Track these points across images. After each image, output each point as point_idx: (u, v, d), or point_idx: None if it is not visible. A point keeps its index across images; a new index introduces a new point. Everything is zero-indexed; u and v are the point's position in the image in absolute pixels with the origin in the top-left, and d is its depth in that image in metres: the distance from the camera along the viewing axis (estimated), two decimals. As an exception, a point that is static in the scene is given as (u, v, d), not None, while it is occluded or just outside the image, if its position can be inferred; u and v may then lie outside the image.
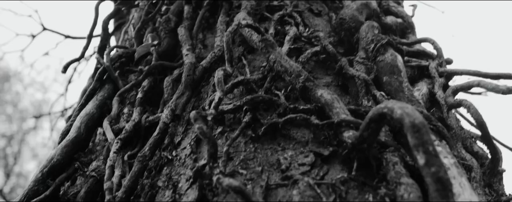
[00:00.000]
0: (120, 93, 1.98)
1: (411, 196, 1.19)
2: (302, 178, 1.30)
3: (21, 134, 13.75)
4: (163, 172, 1.51)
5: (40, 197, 1.60)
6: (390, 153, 1.35)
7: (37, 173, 1.67)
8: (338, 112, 1.43)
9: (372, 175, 1.34)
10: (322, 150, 1.40)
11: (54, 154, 1.73)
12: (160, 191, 1.44)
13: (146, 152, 1.55)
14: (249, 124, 1.48)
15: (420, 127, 1.13)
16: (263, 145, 1.45)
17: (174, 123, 1.67)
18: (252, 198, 1.15)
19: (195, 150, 1.52)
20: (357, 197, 1.26)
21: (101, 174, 1.63)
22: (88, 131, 1.84)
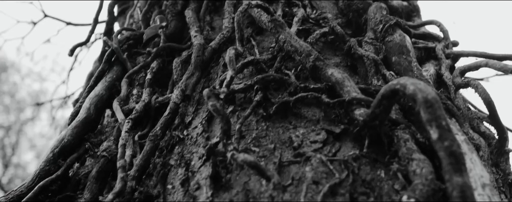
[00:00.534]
0: (128, 75, 1.99)
1: (424, 171, 1.20)
2: (315, 155, 1.32)
3: (19, 124, 13.73)
4: (174, 151, 1.53)
5: (52, 177, 1.61)
6: (401, 130, 1.36)
7: (48, 153, 1.68)
8: (349, 90, 1.44)
9: (384, 152, 1.35)
10: (333, 128, 1.41)
11: (64, 134, 1.74)
12: (173, 169, 1.46)
13: (157, 131, 1.56)
14: (260, 103, 1.49)
15: (433, 102, 1.14)
16: (274, 124, 1.46)
17: (184, 103, 1.68)
18: (267, 173, 1.16)
19: (206, 129, 1.53)
20: (370, 173, 1.28)
21: (112, 154, 1.64)
22: (98, 112, 1.85)
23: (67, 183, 1.68)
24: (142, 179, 1.49)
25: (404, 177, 1.25)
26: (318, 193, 1.21)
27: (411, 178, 1.22)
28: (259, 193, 1.23)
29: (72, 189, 1.67)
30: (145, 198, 1.42)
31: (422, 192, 1.13)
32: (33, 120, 14.13)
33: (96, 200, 1.53)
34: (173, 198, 1.34)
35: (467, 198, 1.04)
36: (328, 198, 1.19)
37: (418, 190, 1.13)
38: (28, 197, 1.54)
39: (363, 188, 1.23)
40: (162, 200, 1.37)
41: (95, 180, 1.57)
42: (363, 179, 1.26)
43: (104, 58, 2.06)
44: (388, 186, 1.25)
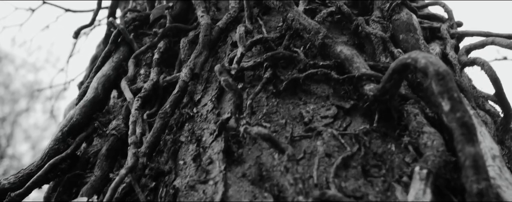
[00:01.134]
0: (135, 55, 1.99)
1: (435, 143, 1.22)
2: (326, 130, 1.33)
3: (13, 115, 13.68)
4: (185, 128, 1.53)
5: (61, 155, 1.62)
6: (411, 105, 1.37)
7: (57, 132, 1.68)
8: (359, 66, 1.45)
9: (394, 127, 1.36)
10: (343, 103, 1.42)
11: (73, 113, 1.74)
12: (183, 146, 1.47)
13: (167, 109, 1.56)
14: (270, 80, 1.50)
15: (444, 74, 1.15)
16: (284, 100, 1.47)
17: (193, 81, 1.69)
18: (281, 145, 1.17)
19: (216, 106, 1.54)
20: (381, 146, 1.29)
21: (121, 133, 1.65)
22: (106, 92, 1.85)
23: (76, 162, 1.69)
24: (152, 156, 1.50)
25: (414, 149, 1.26)
26: (330, 165, 1.22)
27: (422, 151, 1.23)
28: (272, 166, 1.24)
29: (81, 167, 1.68)
30: (156, 174, 1.43)
31: (434, 163, 1.15)
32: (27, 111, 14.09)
33: (106, 177, 1.54)
34: (185, 173, 1.35)
35: (479, 167, 1.05)
36: (340, 170, 1.21)
37: (430, 161, 1.15)
38: (38, 175, 1.55)
39: (375, 161, 1.25)
40: (173, 175, 1.38)
41: (105, 157, 1.58)
42: (374, 152, 1.27)
43: (111, 39, 2.06)
44: (399, 159, 1.26)
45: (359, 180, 1.19)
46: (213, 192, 1.22)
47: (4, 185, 1.57)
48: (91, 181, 1.52)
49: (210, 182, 1.25)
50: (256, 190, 1.19)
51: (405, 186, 1.18)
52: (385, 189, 1.17)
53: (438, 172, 1.14)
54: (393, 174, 1.22)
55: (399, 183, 1.19)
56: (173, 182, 1.35)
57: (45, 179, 1.58)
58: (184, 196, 1.27)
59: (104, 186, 1.52)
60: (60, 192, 1.64)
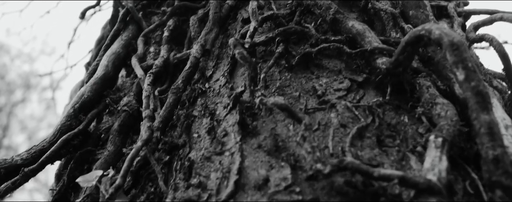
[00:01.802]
0: (145, 33, 2.00)
1: (448, 113, 1.23)
2: (339, 102, 1.34)
3: (9, 106, 13.62)
4: (197, 103, 1.54)
5: (74, 131, 1.62)
6: (423, 78, 1.39)
7: (69, 108, 1.69)
8: (371, 40, 1.46)
9: (406, 100, 1.38)
10: (356, 77, 1.43)
11: (84, 91, 1.75)
12: (197, 120, 1.48)
13: (179, 84, 1.57)
14: (282, 55, 1.51)
15: (458, 45, 1.16)
16: (296, 74, 1.48)
17: (204, 57, 1.69)
18: (298, 115, 1.18)
19: (229, 80, 1.55)
20: (394, 117, 1.31)
21: (133, 109, 1.66)
22: (116, 69, 1.86)
23: (87, 138, 1.70)
24: (166, 130, 1.51)
25: (428, 120, 1.27)
26: (346, 135, 1.24)
27: (435, 121, 1.25)
28: (287, 137, 1.26)
29: (93, 144, 1.69)
30: (170, 148, 1.44)
31: (448, 132, 1.17)
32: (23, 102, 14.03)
33: (119, 152, 1.55)
34: (200, 146, 1.36)
35: (494, 134, 1.07)
36: (356, 140, 1.22)
37: (445, 130, 1.17)
38: (52, 151, 1.56)
39: (389, 132, 1.26)
40: (188, 149, 1.39)
41: (118, 133, 1.59)
42: (388, 123, 1.29)
43: (119, 18, 2.06)
44: (412, 130, 1.28)
45: (374, 149, 1.20)
46: (229, 162, 1.23)
47: (16, 161, 1.58)
48: (104, 156, 1.53)
49: (226, 153, 1.27)
50: (272, 160, 1.20)
51: (419, 156, 1.20)
52: (400, 159, 1.19)
53: (452, 141, 1.16)
54: (407, 144, 1.23)
55: (413, 153, 1.21)
56: (188, 154, 1.37)
57: (58, 155, 1.59)
58: (200, 167, 1.28)
59: (117, 161, 1.54)
60: (72, 169, 1.65)
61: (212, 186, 1.19)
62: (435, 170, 1.07)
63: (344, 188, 1.08)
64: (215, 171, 1.23)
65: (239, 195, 1.14)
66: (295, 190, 1.10)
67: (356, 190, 1.08)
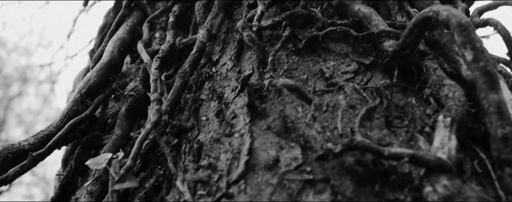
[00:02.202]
0: (150, 19, 2.00)
1: (456, 94, 1.24)
2: (347, 84, 1.35)
3: (6, 100, 13.58)
4: (205, 87, 1.55)
5: (81, 116, 1.63)
6: (429, 60, 1.40)
7: (76, 94, 1.69)
8: (377, 23, 1.47)
9: (413, 82, 1.39)
10: (363, 60, 1.44)
11: (90, 76, 1.75)
12: (204, 103, 1.48)
13: (186, 68, 1.58)
14: (289, 38, 1.52)
15: (466, 25, 1.17)
16: (303, 58, 1.48)
17: (210, 42, 1.70)
18: (308, 95, 1.19)
19: (236, 64, 1.55)
20: (402, 99, 1.32)
21: (139, 93, 1.67)
22: (121, 55, 1.86)
23: (94, 124, 1.70)
24: (173, 114, 1.51)
25: (436, 100, 1.28)
26: (354, 116, 1.24)
27: (443, 102, 1.26)
28: (296, 119, 1.26)
29: (100, 129, 1.70)
30: (178, 131, 1.45)
31: (457, 112, 1.18)
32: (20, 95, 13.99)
33: (127, 136, 1.56)
34: (208, 128, 1.37)
35: (503, 113, 1.08)
36: (365, 121, 1.23)
37: (453, 110, 1.18)
38: (59, 135, 1.57)
39: (397, 113, 1.27)
40: (196, 131, 1.40)
41: (125, 117, 1.60)
42: (396, 105, 1.30)
43: (124, 4, 2.06)
44: (420, 112, 1.29)
45: (383, 130, 1.22)
46: (239, 143, 1.24)
47: (24, 146, 1.59)
48: (112, 140, 1.54)
49: (236, 134, 1.28)
50: (282, 141, 1.21)
51: (427, 136, 1.21)
52: (408, 139, 1.20)
53: (461, 121, 1.17)
54: (415, 125, 1.24)
55: (421, 133, 1.22)
56: (196, 137, 1.37)
57: (65, 139, 1.60)
58: (209, 149, 1.29)
59: (125, 144, 1.54)
60: (79, 153, 1.66)
61: (223, 167, 1.20)
62: (444, 148, 1.08)
63: (355, 167, 1.09)
64: (225, 153, 1.24)
65: (250, 175, 1.15)
66: (305, 169, 1.11)
67: (366, 169, 1.09)
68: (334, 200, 1.02)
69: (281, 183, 1.10)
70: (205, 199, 1.14)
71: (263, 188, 1.10)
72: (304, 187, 1.08)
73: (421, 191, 1.02)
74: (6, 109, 13.57)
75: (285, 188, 1.09)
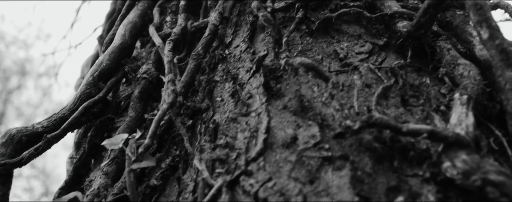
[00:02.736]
0: (160, 3, 2.00)
1: (471, 73, 1.25)
2: (362, 64, 1.36)
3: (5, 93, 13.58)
4: (218, 69, 1.56)
5: (94, 98, 1.64)
6: (443, 41, 1.41)
7: (88, 76, 1.70)
8: (390, 5, 1.48)
9: (426, 62, 1.40)
10: (376, 41, 1.45)
11: (102, 59, 1.76)
12: (218, 85, 1.49)
13: (199, 50, 1.58)
14: (302, 20, 1.52)
15: (482, 4, 1.18)
16: (317, 39, 1.49)
17: (222, 25, 1.70)
18: (325, 74, 1.20)
19: (250, 46, 1.56)
20: (417, 79, 1.33)
21: (152, 76, 1.67)
22: (133, 38, 1.86)
23: (107, 106, 1.71)
24: (187, 96, 1.52)
25: (450, 79, 1.29)
26: (370, 95, 1.25)
27: (457, 81, 1.27)
28: (312, 98, 1.27)
29: (112, 112, 1.70)
30: (192, 112, 1.46)
31: (473, 90, 1.19)
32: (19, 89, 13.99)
33: (141, 118, 1.57)
34: (224, 109, 1.38)
35: (520, 90, 1.10)
36: (381, 99, 1.24)
37: (469, 88, 1.19)
38: (73, 117, 1.57)
39: (412, 92, 1.29)
40: (211, 112, 1.41)
41: (139, 99, 1.61)
42: (411, 84, 1.31)
43: (136, -13, 2.06)
44: (434, 91, 1.30)
45: (399, 108, 1.23)
46: (257, 122, 1.25)
47: (37, 129, 1.60)
48: (126, 122, 1.55)
49: (252, 114, 1.29)
50: (299, 120, 1.22)
51: (443, 115, 1.22)
52: (424, 117, 1.21)
53: (476, 99, 1.18)
54: (431, 104, 1.26)
55: (437, 112, 1.23)
56: (212, 117, 1.38)
57: (79, 122, 1.61)
58: (225, 129, 1.30)
59: (139, 126, 1.55)
60: (92, 136, 1.67)
61: (240, 145, 1.21)
62: (462, 125, 1.09)
63: (373, 144, 1.10)
64: (242, 132, 1.25)
65: (268, 153, 1.16)
66: (324, 147, 1.12)
67: (384, 145, 1.10)
68: (354, 175, 1.04)
69: (300, 160, 1.11)
70: (224, 177, 1.15)
71: (282, 165, 1.12)
72: (322, 164, 1.09)
73: (440, 166, 1.04)
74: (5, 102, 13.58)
75: (304, 165, 1.10)
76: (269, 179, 1.09)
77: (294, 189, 1.04)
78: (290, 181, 1.06)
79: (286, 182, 1.07)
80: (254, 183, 1.09)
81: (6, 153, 1.55)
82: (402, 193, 1.01)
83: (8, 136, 1.58)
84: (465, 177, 0.99)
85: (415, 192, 1.01)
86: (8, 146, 1.56)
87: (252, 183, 1.10)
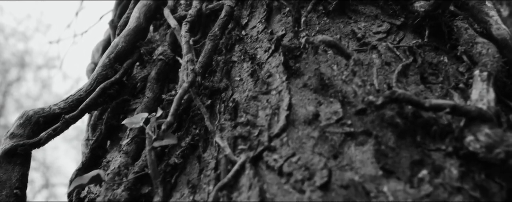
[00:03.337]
0: (175, -15, 2.01)
1: (490, 51, 1.27)
2: (380, 43, 1.37)
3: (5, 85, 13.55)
4: (235, 49, 1.57)
5: (111, 80, 1.64)
6: (460, 20, 1.42)
7: (104, 58, 1.71)
8: (407, -15, 1.48)
9: (443, 42, 1.41)
10: (393, 21, 1.46)
11: (118, 41, 1.76)
12: (236, 65, 1.50)
13: (216, 31, 1.59)
14: (319, 0, 1.53)
15: (502, -17, 1.19)
16: (334, 19, 1.50)
17: (238, 6, 1.71)
18: (347, 51, 1.21)
19: (267, 26, 1.57)
20: (435, 57, 1.34)
21: (168, 58, 1.68)
22: (147, 21, 1.86)
23: (123, 88, 1.72)
24: (205, 76, 1.53)
25: (469, 58, 1.31)
26: (390, 73, 1.27)
27: (476, 59, 1.28)
28: (332, 76, 1.28)
29: (129, 93, 1.71)
30: (211, 92, 1.47)
31: (493, 67, 1.20)
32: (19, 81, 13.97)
33: (158, 98, 1.58)
34: (243, 88, 1.39)
35: (541, 66, 1.11)
36: (401, 77, 1.25)
37: (489, 65, 1.21)
38: (91, 98, 1.58)
39: (431, 70, 1.30)
40: (230, 91, 1.42)
41: (156, 81, 1.62)
42: (429, 62, 1.32)
43: (148, -30, 2.06)
44: (452, 69, 1.31)
45: (419, 85, 1.24)
46: (278, 100, 1.26)
47: (54, 110, 1.61)
48: (144, 102, 1.56)
49: (273, 92, 1.30)
50: (320, 97, 1.23)
51: (462, 92, 1.23)
52: (444, 95, 1.23)
53: (496, 76, 1.19)
54: (449, 82, 1.27)
55: (455, 89, 1.24)
56: (231, 97, 1.39)
57: (96, 103, 1.61)
58: (245, 108, 1.31)
59: (156, 106, 1.56)
60: (108, 118, 1.68)
61: (262, 122, 1.23)
62: (483, 100, 1.11)
63: (395, 119, 1.12)
64: (263, 109, 1.27)
65: (290, 130, 1.17)
66: (346, 122, 1.14)
67: (406, 121, 1.12)
68: (378, 150, 1.05)
69: (322, 136, 1.13)
70: (247, 153, 1.16)
71: (304, 141, 1.13)
72: (345, 140, 1.11)
73: (462, 141, 1.05)
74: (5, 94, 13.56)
75: (327, 140, 1.11)
76: (293, 154, 1.10)
77: (319, 163, 1.06)
78: (314, 156, 1.08)
79: (310, 156, 1.08)
80: (278, 158, 1.11)
81: (24, 134, 1.56)
82: (425, 166, 1.03)
83: (26, 117, 1.59)
84: (488, 150, 1.00)
85: (439, 166, 1.02)
86: (26, 127, 1.57)
87: (276, 158, 1.11)
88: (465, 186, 0.98)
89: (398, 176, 1.01)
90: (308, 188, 1.01)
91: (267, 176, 1.09)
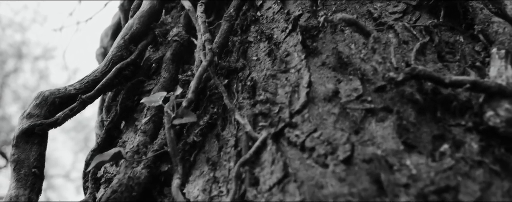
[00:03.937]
0: (187, -32, 2.00)
1: (506, 30, 1.28)
2: (397, 23, 1.39)
3: (2, 76, 13.51)
4: (251, 30, 1.58)
5: (127, 60, 1.66)
6: (475, 1, 1.43)
7: (119, 39, 1.72)
8: (422, -34, 1.49)
9: (459, 22, 1.43)
10: (409, 1, 1.47)
11: (132, 23, 1.77)
12: (252, 45, 1.52)
13: (231, 12, 1.60)
14: (334, -18, 1.54)
15: (520, -39, 1.20)
16: (349, 0, 1.51)
17: (252, -12, 1.72)
18: (366, 29, 1.23)
19: (283, 7, 1.58)
20: (451, 37, 1.36)
21: (183, 39, 1.69)
22: (161, 3, 1.87)
23: (138, 69, 1.73)
24: (222, 56, 1.54)
25: (485, 37, 1.32)
26: (408, 51, 1.28)
27: (492, 39, 1.30)
28: (350, 55, 1.30)
29: (144, 74, 1.73)
30: (227, 72, 1.48)
31: (510, 45, 1.22)
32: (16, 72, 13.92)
33: (174, 79, 1.59)
34: (261, 67, 1.41)
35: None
36: (419, 55, 1.27)
37: (506, 43, 1.22)
38: (107, 78, 1.60)
39: (448, 49, 1.31)
40: (248, 71, 1.43)
41: (171, 61, 1.63)
42: (446, 42, 1.34)
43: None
44: (469, 49, 1.33)
45: (437, 63, 1.26)
46: (297, 78, 1.28)
47: (70, 91, 1.62)
48: (160, 82, 1.57)
49: (292, 70, 1.31)
50: (338, 75, 1.25)
51: (479, 71, 1.25)
52: (461, 73, 1.24)
53: (514, 54, 1.21)
54: (466, 61, 1.29)
55: (472, 68, 1.26)
56: (248, 76, 1.41)
57: (111, 84, 1.63)
58: (263, 86, 1.33)
59: (173, 86, 1.58)
60: (123, 99, 1.69)
61: (282, 99, 1.24)
62: (502, 76, 1.12)
63: (415, 95, 1.14)
64: (282, 87, 1.28)
65: (310, 107, 1.19)
66: (367, 99, 1.15)
67: (426, 97, 1.13)
68: (400, 124, 1.07)
69: (343, 112, 1.15)
70: (268, 130, 1.18)
71: (325, 118, 1.15)
72: (366, 116, 1.13)
73: (482, 116, 1.07)
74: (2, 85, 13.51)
75: (348, 116, 1.13)
76: (315, 129, 1.12)
77: (341, 138, 1.08)
78: (336, 131, 1.10)
79: (332, 132, 1.10)
80: (300, 134, 1.13)
81: (41, 114, 1.57)
82: (446, 141, 1.05)
83: (42, 97, 1.60)
84: (508, 125, 1.02)
85: (459, 140, 1.04)
86: (43, 107, 1.58)
87: (298, 134, 1.13)
88: (485, 159, 1.00)
89: (420, 150, 1.03)
90: (331, 162, 1.03)
91: (289, 152, 1.11)
